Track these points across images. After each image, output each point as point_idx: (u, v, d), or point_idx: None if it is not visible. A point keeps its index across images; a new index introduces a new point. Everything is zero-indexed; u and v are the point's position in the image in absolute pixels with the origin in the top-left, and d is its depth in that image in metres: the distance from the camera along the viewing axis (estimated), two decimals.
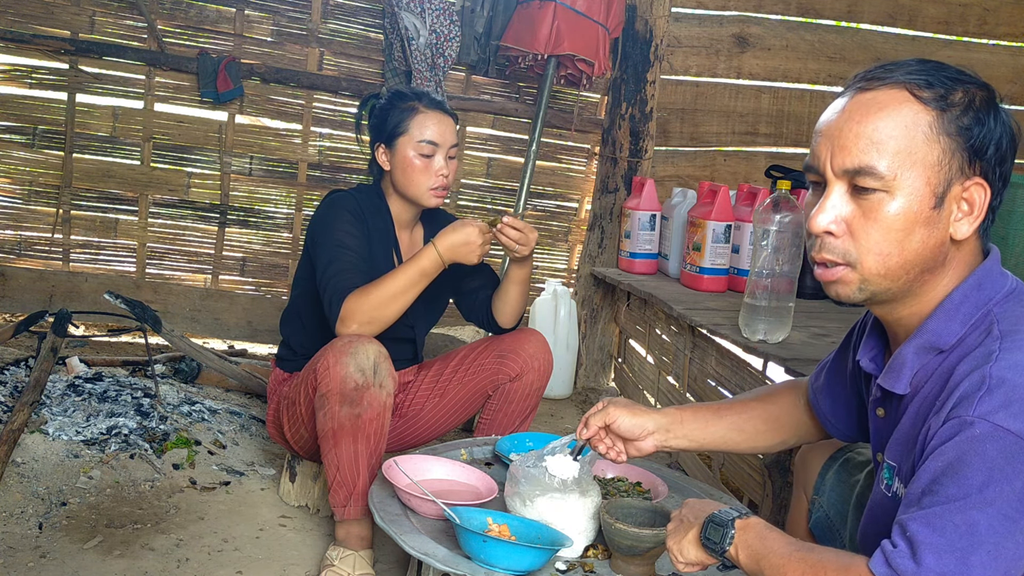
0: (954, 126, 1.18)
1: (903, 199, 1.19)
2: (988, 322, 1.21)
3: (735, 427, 1.64)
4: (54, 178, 3.80)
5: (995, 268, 1.26)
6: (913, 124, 1.18)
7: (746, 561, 1.28)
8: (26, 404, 2.57)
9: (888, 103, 1.20)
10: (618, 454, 1.68)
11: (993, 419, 1.09)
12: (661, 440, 1.64)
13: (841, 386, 1.55)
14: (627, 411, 1.64)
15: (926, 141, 1.18)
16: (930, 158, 1.18)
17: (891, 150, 1.18)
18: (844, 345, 1.57)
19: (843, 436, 1.59)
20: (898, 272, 1.22)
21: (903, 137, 1.18)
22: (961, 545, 1.07)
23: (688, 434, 1.64)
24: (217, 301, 3.98)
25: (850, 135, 1.20)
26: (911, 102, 1.19)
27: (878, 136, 1.19)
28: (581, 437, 1.70)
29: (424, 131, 2.34)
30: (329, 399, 2.10)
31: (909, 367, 1.26)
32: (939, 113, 1.18)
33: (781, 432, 1.66)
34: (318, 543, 2.39)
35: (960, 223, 1.21)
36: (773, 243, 2.40)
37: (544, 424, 3.48)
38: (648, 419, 1.64)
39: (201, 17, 3.77)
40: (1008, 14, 4.22)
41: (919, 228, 1.20)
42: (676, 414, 1.66)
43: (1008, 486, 1.07)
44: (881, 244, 1.21)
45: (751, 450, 1.69)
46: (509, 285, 2.41)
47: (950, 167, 1.19)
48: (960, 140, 1.18)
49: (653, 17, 3.92)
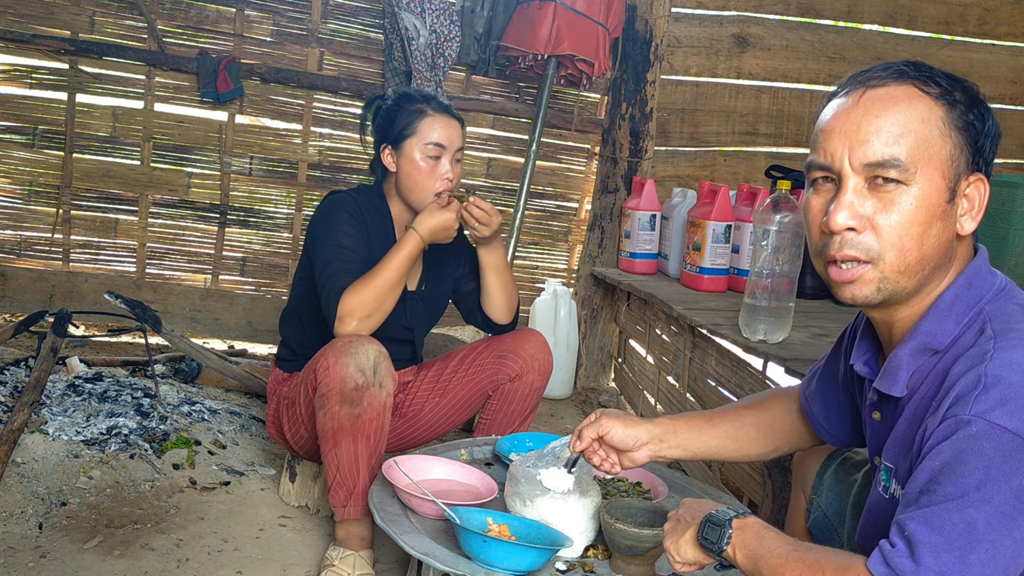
0: (962, 121, 1.20)
1: (923, 192, 1.19)
2: (981, 321, 1.21)
3: (728, 435, 1.65)
4: (54, 178, 3.80)
5: (984, 266, 1.27)
6: (928, 118, 1.20)
7: (743, 561, 1.28)
8: (26, 404, 2.57)
9: (902, 98, 1.20)
10: (612, 466, 1.68)
11: (989, 417, 1.09)
12: (655, 450, 1.65)
13: (834, 391, 1.55)
14: (620, 422, 1.64)
15: (940, 135, 1.19)
16: (944, 152, 1.20)
17: (911, 143, 1.19)
18: (835, 350, 1.56)
19: (837, 442, 1.59)
20: (916, 268, 1.22)
21: (921, 131, 1.19)
22: (959, 544, 1.07)
23: (681, 443, 1.65)
24: (217, 301, 3.98)
25: (870, 129, 1.20)
26: (923, 97, 1.20)
27: (898, 129, 1.19)
28: (575, 450, 1.70)
29: (432, 133, 2.34)
30: (329, 399, 2.10)
31: (905, 369, 1.26)
32: (949, 108, 1.20)
33: (774, 439, 1.66)
34: (318, 543, 2.39)
35: (964, 219, 1.23)
36: (773, 243, 2.40)
37: (544, 424, 3.48)
38: (641, 430, 1.64)
39: (201, 17, 3.77)
40: (1008, 14, 4.22)
41: (936, 222, 1.20)
42: (669, 424, 1.66)
43: (1005, 484, 1.07)
44: (903, 238, 1.20)
45: (745, 458, 1.69)
46: (486, 273, 2.44)
47: (960, 162, 1.21)
48: (967, 136, 1.20)
49: (653, 17, 3.92)
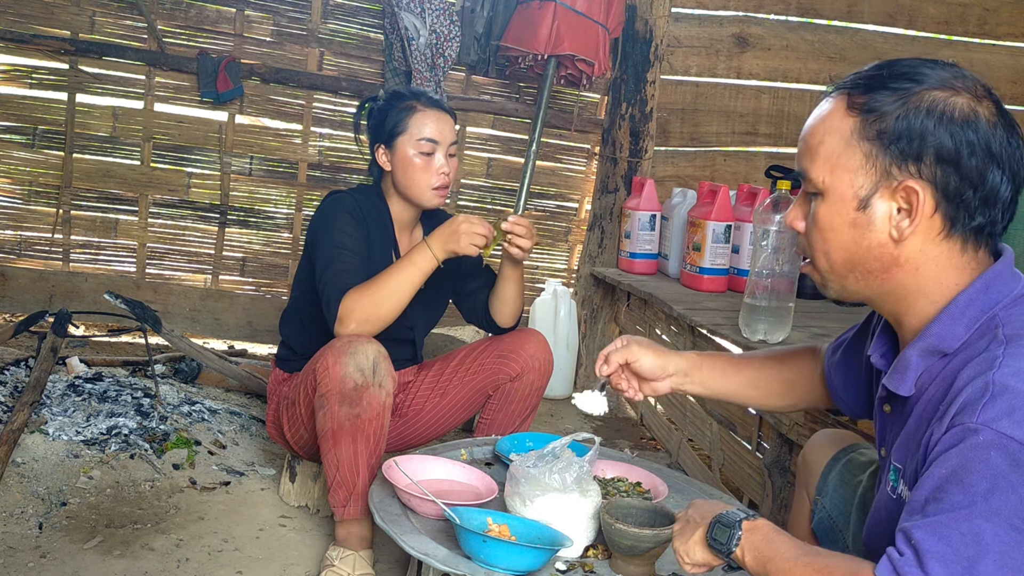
0: (874, 130, 1.21)
1: (830, 202, 1.27)
2: (993, 326, 1.20)
3: (750, 383, 1.70)
4: (54, 178, 3.80)
5: (1006, 271, 1.25)
6: (836, 130, 1.25)
7: (752, 563, 1.27)
8: (26, 404, 2.57)
9: (824, 110, 1.29)
10: (635, 392, 1.73)
11: (996, 426, 1.08)
12: (678, 383, 1.70)
13: (857, 366, 1.56)
14: (650, 351, 1.69)
15: (846, 146, 1.24)
16: (852, 162, 1.24)
17: (819, 155, 1.27)
18: (863, 327, 1.57)
19: (852, 413, 1.62)
20: (841, 270, 1.29)
21: (828, 143, 1.26)
22: (967, 554, 1.06)
23: (704, 381, 1.70)
24: (217, 301, 3.98)
25: (800, 141, 1.31)
26: (841, 109, 1.26)
27: (812, 142, 1.28)
28: (601, 374, 1.73)
29: (423, 129, 2.34)
30: (328, 399, 2.10)
31: (913, 369, 1.26)
32: (862, 119, 1.23)
33: (794, 395, 1.70)
34: (318, 543, 2.39)
35: (900, 224, 1.23)
36: (773, 243, 2.40)
37: (544, 424, 3.48)
38: (669, 361, 1.69)
39: (201, 17, 3.77)
40: (1008, 14, 4.22)
41: (848, 229, 1.26)
42: (696, 359, 1.71)
43: (1014, 495, 1.06)
44: (820, 243, 1.30)
45: (761, 407, 1.73)
46: (505, 284, 2.41)
47: (875, 170, 1.22)
48: (880, 144, 1.21)
49: (653, 17, 3.92)
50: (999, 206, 1.23)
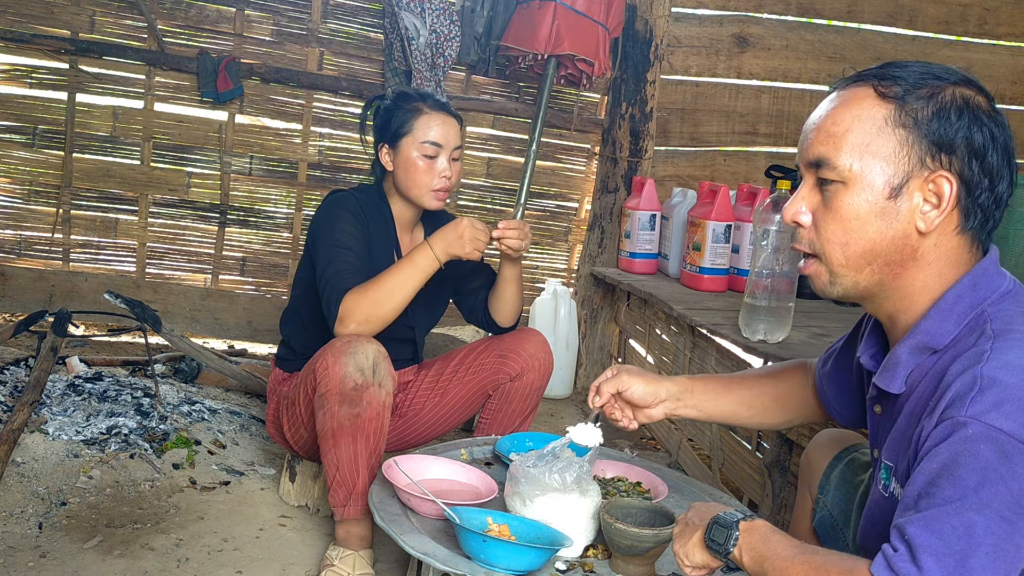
0: (911, 118, 1.21)
1: (858, 190, 1.23)
2: (982, 322, 1.21)
3: (744, 402, 1.69)
4: (54, 178, 3.80)
5: (992, 267, 1.26)
6: (868, 117, 1.23)
7: (750, 563, 1.27)
8: (26, 404, 2.57)
9: (849, 99, 1.25)
10: (629, 421, 1.73)
11: (985, 419, 1.09)
12: (671, 408, 1.70)
13: (848, 373, 1.56)
14: (640, 379, 1.69)
15: (879, 133, 1.22)
16: (884, 150, 1.22)
17: (847, 142, 1.23)
18: (852, 335, 1.57)
19: (846, 422, 1.62)
20: (859, 262, 1.26)
21: (857, 129, 1.23)
22: (960, 547, 1.07)
23: (697, 404, 1.70)
24: (217, 301, 3.98)
25: (813, 129, 1.28)
26: (871, 97, 1.23)
27: (835, 129, 1.25)
28: (594, 406, 1.73)
29: (428, 132, 2.34)
30: (328, 399, 2.10)
31: (904, 367, 1.27)
32: (897, 106, 1.21)
33: (788, 411, 1.70)
34: (318, 543, 2.39)
35: (928, 215, 1.23)
36: (773, 243, 2.40)
37: (544, 424, 3.48)
38: (660, 387, 1.69)
39: (201, 17, 3.77)
40: (1008, 14, 4.22)
41: (875, 219, 1.23)
42: (687, 383, 1.70)
43: (1004, 487, 1.07)
44: (839, 234, 1.26)
45: (757, 425, 1.73)
46: (505, 284, 2.42)
47: (908, 159, 1.21)
48: (917, 132, 1.20)
49: (653, 17, 3.92)
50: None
